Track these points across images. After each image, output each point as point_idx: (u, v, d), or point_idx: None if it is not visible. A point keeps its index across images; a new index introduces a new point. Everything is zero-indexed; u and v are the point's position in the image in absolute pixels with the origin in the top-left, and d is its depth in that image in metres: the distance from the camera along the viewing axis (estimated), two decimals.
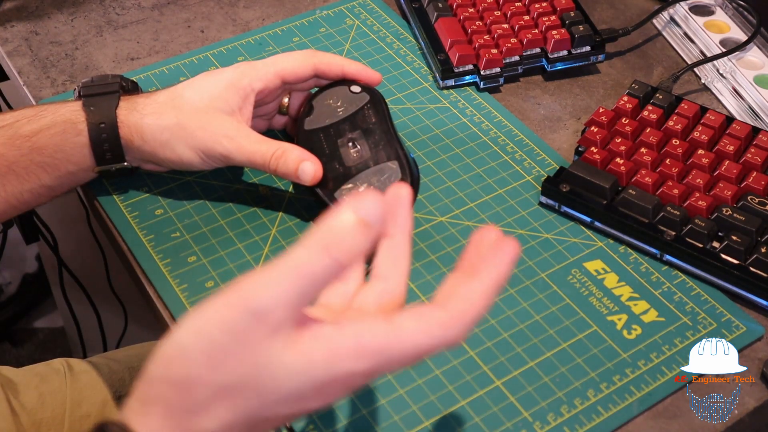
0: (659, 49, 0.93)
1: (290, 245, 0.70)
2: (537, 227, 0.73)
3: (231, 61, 0.86)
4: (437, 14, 0.88)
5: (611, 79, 0.88)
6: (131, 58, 0.88)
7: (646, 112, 0.79)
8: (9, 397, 0.77)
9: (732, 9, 0.93)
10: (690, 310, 0.67)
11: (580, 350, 0.64)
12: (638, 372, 0.63)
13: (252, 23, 0.92)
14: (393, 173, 0.69)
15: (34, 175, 0.67)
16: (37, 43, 0.89)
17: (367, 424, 0.60)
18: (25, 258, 1.66)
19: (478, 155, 0.79)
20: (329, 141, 0.71)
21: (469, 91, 0.85)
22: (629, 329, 0.66)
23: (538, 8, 0.88)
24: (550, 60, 0.86)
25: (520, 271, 0.69)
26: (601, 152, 0.75)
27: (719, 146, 0.75)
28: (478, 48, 0.85)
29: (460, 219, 0.73)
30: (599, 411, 0.61)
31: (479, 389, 0.62)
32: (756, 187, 0.72)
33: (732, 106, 0.85)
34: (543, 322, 0.66)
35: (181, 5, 0.95)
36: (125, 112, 0.68)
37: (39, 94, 0.84)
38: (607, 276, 0.69)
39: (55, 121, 0.68)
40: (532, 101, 0.85)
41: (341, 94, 0.74)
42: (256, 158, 0.67)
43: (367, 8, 0.94)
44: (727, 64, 0.86)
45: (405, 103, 0.83)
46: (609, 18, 0.95)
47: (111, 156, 0.69)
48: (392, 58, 0.88)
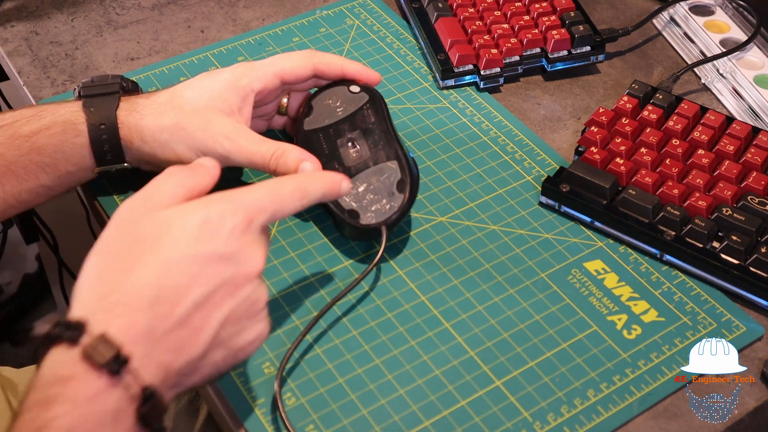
0: (659, 49, 0.93)
1: (291, 245, 0.71)
2: (537, 227, 0.73)
3: (231, 61, 0.86)
4: (437, 14, 0.88)
5: (611, 79, 0.88)
6: (131, 58, 0.88)
7: (646, 112, 0.79)
8: (9, 397, 0.77)
9: (732, 9, 0.93)
10: (690, 310, 0.67)
11: (580, 350, 0.64)
12: (638, 372, 0.63)
13: (252, 23, 0.92)
14: (392, 173, 0.69)
15: (33, 175, 0.67)
16: (37, 43, 0.89)
17: (367, 424, 0.60)
18: (25, 258, 1.66)
19: (478, 155, 0.79)
20: (329, 141, 0.71)
21: (469, 91, 0.85)
22: (629, 329, 0.66)
23: (538, 8, 0.88)
24: (550, 60, 0.86)
25: (520, 271, 0.69)
26: (601, 152, 0.75)
27: (719, 146, 0.75)
28: (478, 48, 0.84)
29: (460, 219, 0.73)
30: (599, 411, 0.61)
31: (479, 389, 0.62)
32: (756, 187, 0.72)
33: (732, 106, 0.85)
34: (543, 322, 0.66)
35: (181, 5, 0.95)
36: (125, 113, 0.68)
37: (39, 94, 0.84)
38: (607, 276, 0.69)
39: (54, 122, 0.68)
40: (532, 101, 0.85)
41: (341, 94, 0.74)
42: (256, 158, 0.67)
43: (367, 8, 0.94)
44: (727, 64, 0.86)
45: (405, 103, 0.83)
46: (609, 18, 0.95)
47: (111, 157, 0.69)
48: (392, 58, 0.88)
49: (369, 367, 0.63)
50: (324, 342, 0.64)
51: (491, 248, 0.71)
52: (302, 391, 0.61)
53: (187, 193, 0.55)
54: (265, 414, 0.60)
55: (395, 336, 0.65)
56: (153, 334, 0.50)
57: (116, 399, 0.48)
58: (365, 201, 0.68)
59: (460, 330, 0.65)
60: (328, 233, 0.72)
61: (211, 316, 0.52)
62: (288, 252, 0.70)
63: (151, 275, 0.51)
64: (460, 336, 0.65)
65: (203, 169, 0.58)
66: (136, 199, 0.55)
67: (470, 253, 0.71)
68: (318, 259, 0.70)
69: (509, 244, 0.71)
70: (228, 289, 0.53)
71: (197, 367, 0.52)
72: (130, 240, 0.52)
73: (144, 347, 0.49)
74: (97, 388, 0.47)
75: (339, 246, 0.71)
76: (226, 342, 0.53)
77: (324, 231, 0.72)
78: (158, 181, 0.56)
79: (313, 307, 0.66)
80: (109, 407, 0.47)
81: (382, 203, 0.68)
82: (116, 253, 0.52)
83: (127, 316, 0.49)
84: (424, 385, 0.62)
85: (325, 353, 0.64)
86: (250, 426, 0.59)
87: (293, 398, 0.61)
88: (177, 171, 0.56)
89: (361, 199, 0.68)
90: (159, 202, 0.54)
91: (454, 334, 0.65)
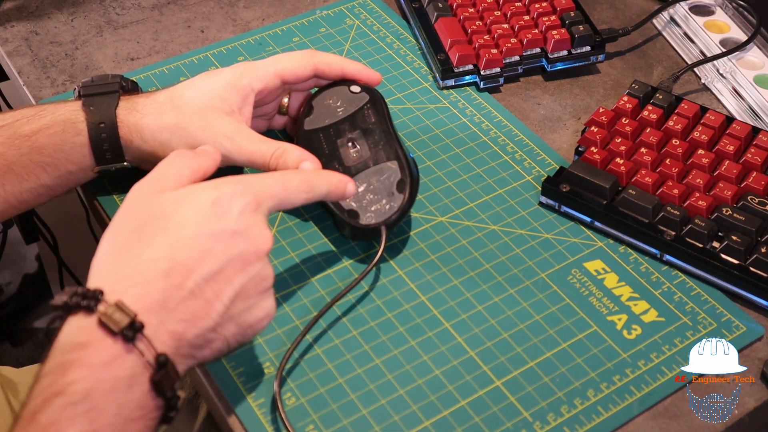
0: (659, 49, 0.93)
1: (291, 245, 0.71)
2: (537, 227, 0.73)
3: (231, 61, 0.86)
4: (437, 14, 0.88)
5: (611, 79, 0.88)
6: (131, 58, 0.88)
7: (646, 112, 0.79)
8: (9, 397, 0.77)
9: (732, 9, 0.93)
10: (690, 310, 0.67)
11: (580, 350, 0.64)
12: (638, 372, 0.63)
13: (252, 23, 0.92)
14: (392, 173, 0.69)
15: (34, 174, 0.67)
16: (37, 43, 0.89)
17: (367, 424, 0.60)
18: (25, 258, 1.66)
19: (478, 155, 0.79)
20: (329, 141, 0.71)
21: (469, 91, 0.85)
22: (629, 329, 0.66)
23: (538, 8, 0.88)
24: (550, 60, 0.86)
25: (520, 271, 0.69)
26: (601, 152, 0.75)
27: (719, 146, 0.75)
28: (478, 48, 0.84)
29: (460, 219, 0.73)
30: (599, 411, 0.61)
31: (479, 389, 0.62)
32: (756, 187, 0.72)
33: (732, 106, 0.85)
34: (543, 322, 0.66)
35: (181, 5, 0.95)
36: (125, 112, 0.68)
37: (39, 94, 0.84)
38: (607, 276, 0.69)
39: (54, 121, 0.68)
40: (532, 101, 0.85)
41: (341, 94, 0.74)
42: (256, 158, 0.67)
43: (367, 8, 0.94)
44: (727, 64, 0.86)
45: (405, 103, 0.83)
46: (609, 18, 0.95)
47: (111, 156, 0.69)
48: (392, 58, 0.88)
49: (369, 367, 0.63)
50: (324, 342, 0.64)
51: (491, 248, 0.71)
52: (302, 391, 0.61)
53: (192, 174, 0.58)
54: (265, 414, 0.60)
55: (395, 336, 0.65)
56: (167, 304, 0.52)
57: (131, 365, 0.50)
58: (365, 201, 0.68)
59: (460, 330, 0.65)
60: (328, 233, 0.72)
61: (224, 289, 0.54)
62: (288, 252, 0.70)
63: (164, 249, 0.53)
64: (460, 336, 0.65)
65: (206, 153, 0.61)
66: (144, 182, 0.57)
67: (470, 253, 0.71)
68: (318, 259, 0.70)
69: (509, 244, 0.71)
70: (239, 264, 0.55)
71: (209, 339, 0.54)
72: (143, 220, 0.55)
73: (158, 316, 0.51)
74: (113, 353, 0.49)
75: (339, 246, 0.71)
76: (237, 317, 0.55)
77: (324, 231, 0.72)
78: (164, 163, 0.58)
79: (313, 307, 0.66)
80: (125, 372, 0.49)
81: (382, 203, 0.68)
82: (129, 231, 0.55)
83: (141, 286, 0.52)
84: (424, 385, 0.62)
85: (325, 353, 0.64)
86: (250, 426, 0.59)
87: (293, 398, 0.61)
88: (181, 153, 0.59)
89: (361, 199, 0.68)
90: (166, 184, 0.57)
91: (454, 334, 0.65)
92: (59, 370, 0.48)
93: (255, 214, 0.56)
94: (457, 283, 0.68)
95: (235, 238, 0.55)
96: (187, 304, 0.53)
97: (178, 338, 0.52)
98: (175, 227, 0.54)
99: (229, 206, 0.55)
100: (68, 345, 0.49)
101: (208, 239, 0.54)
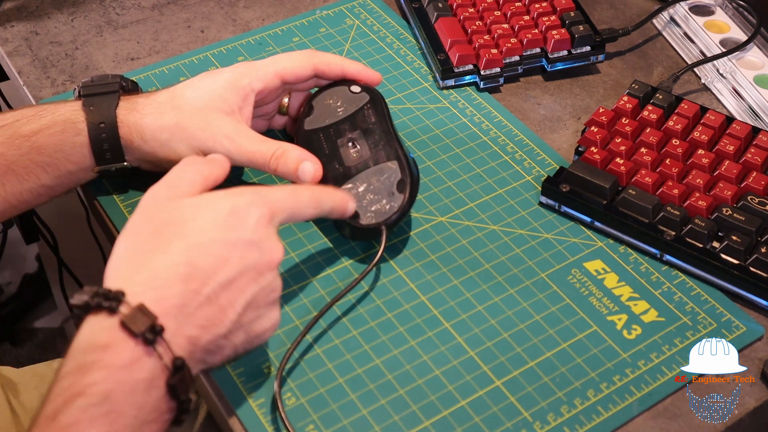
0: (659, 49, 0.93)
1: (291, 245, 0.71)
2: (537, 227, 0.73)
3: (231, 61, 0.86)
4: (437, 14, 0.88)
5: (611, 79, 0.88)
6: (131, 58, 0.88)
7: (646, 112, 0.79)
8: (9, 397, 0.77)
9: (732, 9, 0.93)
10: (690, 310, 0.67)
11: (580, 350, 0.64)
12: (638, 372, 0.63)
13: (252, 23, 0.92)
14: (393, 173, 0.69)
15: (34, 174, 0.67)
16: (37, 43, 0.89)
17: (367, 424, 0.60)
18: (25, 258, 1.66)
19: (478, 155, 0.79)
20: (329, 141, 0.71)
21: (469, 91, 0.85)
22: (629, 329, 0.66)
23: (538, 8, 0.88)
24: (550, 60, 0.86)
25: (520, 271, 0.69)
26: (601, 152, 0.75)
27: (719, 146, 0.75)
28: (478, 48, 0.85)
29: (460, 219, 0.73)
30: (599, 411, 0.61)
31: (479, 389, 0.62)
32: (756, 187, 0.72)
33: (732, 106, 0.85)
34: (543, 322, 0.66)
35: (181, 5, 0.95)
36: (125, 112, 0.68)
37: (39, 94, 0.84)
38: (607, 276, 0.69)
39: (54, 121, 0.68)
40: (532, 101, 0.85)
41: (341, 94, 0.74)
42: (256, 158, 0.67)
43: (367, 8, 0.94)
44: (727, 64, 0.86)
45: (405, 103, 0.83)
46: (609, 18, 0.95)
47: (111, 156, 0.69)
48: (392, 58, 0.88)
49: (369, 367, 0.63)
50: (324, 342, 0.64)
51: (491, 248, 0.71)
52: (302, 391, 0.61)
53: (204, 181, 0.59)
54: (265, 414, 0.60)
55: (395, 336, 0.65)
56: (184, 309, 0.52)
57: (150, 368, 0.50)
58: (365, 201, 0.68)
59: (460, 330, 0.65)
60: (328, 233, 0.72)
61: (237, 297, 0.55)
62: (288, 252, 0.70)
63: (182, 254, 0.54)
64: (460, 336, 0.65)
65: (217, 162, 0.62)
66: (159, 187, 0.58)
67: (470, 253, 0.71)
68: (318, 259, 0.70)
69: (509, 244, 0.71)
70: (252, 274, 0.56)
71: (220, 346, 0.55)
72: (160, 224, 0.56)
73: (176, 320, 0.52)
74: (133, 356, 0.50)
75: (339, 246, 0.71)
76: (246, 326, 0.56)
77: (324, 231, 0.72)
78: (178, 169, 0.59)
79: (313, 307, 0.66)
80: (144, 375, 0.50)
81: (382, 203, 0.68)
82: (146, 235, 0.55)
83: (161, 289, 0.52)
84: (424, 385, 0.62)
85: (325, 353, 0.64)
86: (250, 426, 0.59)
87: (293, 398, 0.61)
88: (194, 160, 0.60)
89: (361, 199, 0.68)
90: (181, 190, 0.58)
91: (454, 334, 0.65)
92: (79, 371, 0.49)
93: (269, 226, 0.57)
94: (457, 283, 0.68)
95: (250, 248, 0.56)
96: (203, 309, 0.53)
97: (194, 343, 0.53)
98: (192, 233, 0.55)
99: (246, 216, 0.56)
100: (89, 345, 0.50)
101: (225, 247, 0.55)
